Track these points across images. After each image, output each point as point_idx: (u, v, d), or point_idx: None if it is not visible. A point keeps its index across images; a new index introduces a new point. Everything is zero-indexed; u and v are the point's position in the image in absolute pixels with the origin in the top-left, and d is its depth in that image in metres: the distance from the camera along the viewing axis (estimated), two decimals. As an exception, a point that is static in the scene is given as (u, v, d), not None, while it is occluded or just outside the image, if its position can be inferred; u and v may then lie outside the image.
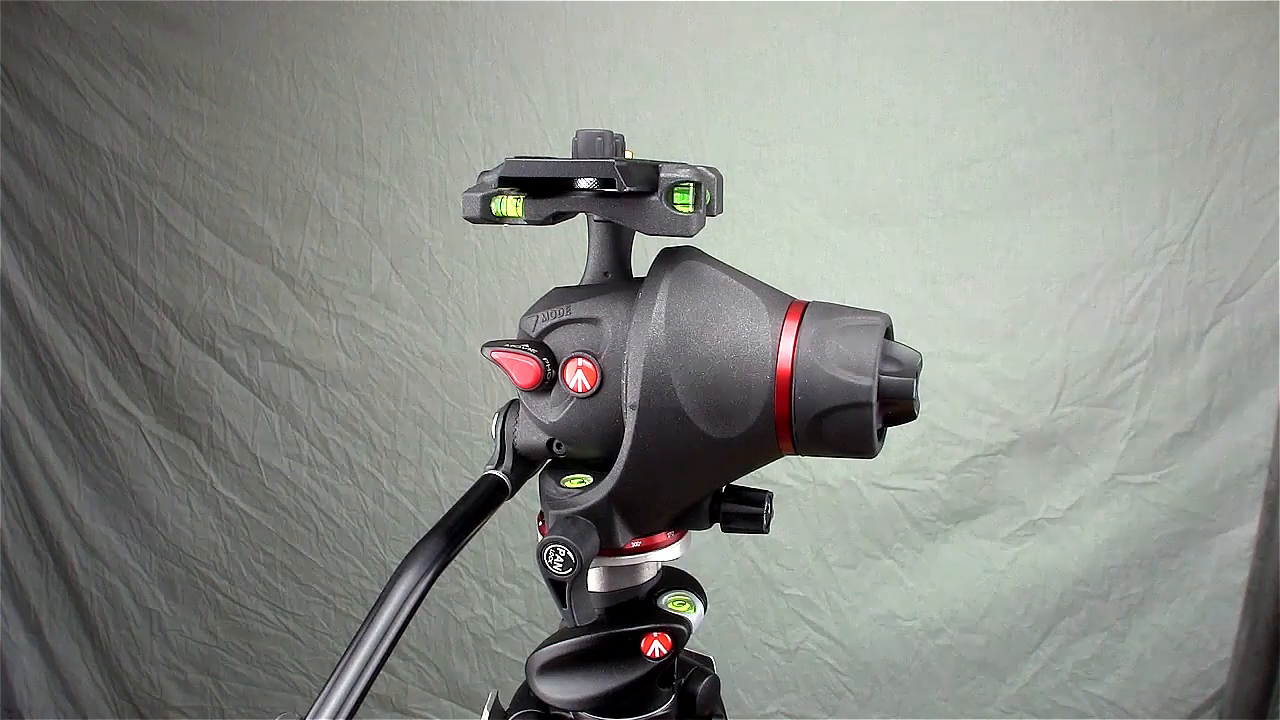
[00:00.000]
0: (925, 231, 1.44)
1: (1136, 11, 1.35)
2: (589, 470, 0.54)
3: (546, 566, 0.50)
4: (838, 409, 0.48)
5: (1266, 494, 1.38)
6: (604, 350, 0.52)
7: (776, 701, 1.60)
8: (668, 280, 0.51)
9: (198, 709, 1.72)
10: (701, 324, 0.50)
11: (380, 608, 0.45)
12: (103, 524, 1.68)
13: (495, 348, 0.52)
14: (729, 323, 0.50)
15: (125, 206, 1.58)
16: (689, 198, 0.49)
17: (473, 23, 1.47)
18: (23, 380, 1.65)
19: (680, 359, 0.50)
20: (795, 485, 1.51)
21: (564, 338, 0.53)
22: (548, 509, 0.52)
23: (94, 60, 1.54)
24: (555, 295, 0.55)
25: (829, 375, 0.48)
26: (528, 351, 0.52)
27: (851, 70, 1.41)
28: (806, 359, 0.48)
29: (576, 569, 0.49)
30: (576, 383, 0.52)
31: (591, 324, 0.53)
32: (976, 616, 1.53)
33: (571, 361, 0.52)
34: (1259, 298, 1.40)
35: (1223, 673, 1.48)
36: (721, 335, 0.50)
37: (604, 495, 0.51)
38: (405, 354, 1.57)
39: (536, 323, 0.53)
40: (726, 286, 0.51)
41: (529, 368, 0.52)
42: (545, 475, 0.55)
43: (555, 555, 0.49)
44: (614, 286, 0.54)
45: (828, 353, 0.48)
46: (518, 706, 0.60)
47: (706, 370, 0.50)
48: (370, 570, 1.65)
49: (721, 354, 0.50)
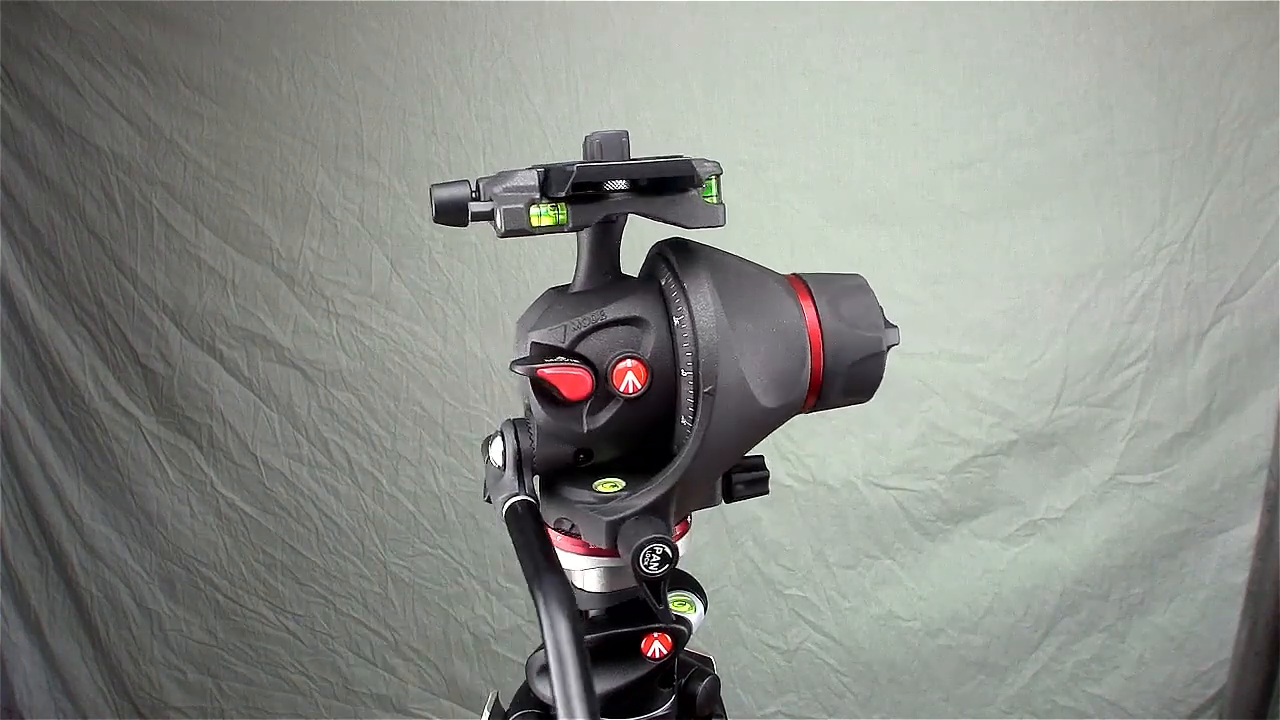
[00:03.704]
0: (925, 231, 1.44)
1: (1136, 11, 1.35)
2: (617, 474, 0.54)
3: (643, 568, 0.50)
4: (859, 361, 0.54)
5: (1266, 494, 1.38)
6: (650, 348, 0.52)
7: (777, 702, 1.60)
8: (704, 270, 0.52)
9: (198, 709, 1.72)
10: (747, 305, 0.52)
11: (559, 653, 0.44)
12: (103, 524, 1.68)
13: (536, 366, 0.51)
14: (764, 300, 0.53)
15: (125, 206, 1.58)
16: (714, 190, 0.51)
17: (473, 23, 1.47)
18: (23, 380, 1.65)
19: (739, 340, 0.51)
20: (795, 485, 1.51)
21: (601, 342, 0.52)
22: (593, 517, 0.52)
23: (94, 60, 1.54)
24: (553, 297, 0.55)
25: (853, 333, 0.54)
26: (575, 363, 0.51)
27: (851, 70, 1.41)
28: (830, 323, 0.53)
29: (673, 564, 0.50)
30: (628, 385, 0.52)
31: (632, 325, 0.52)
32: (976, 616, 1.53)
33: (620, 365, 0.52)
34: (1259, 298, 1.40)
35: (1223, 673, 1.48)
36: (763, 313, 0.53)
37: (669, 487, 0.52)
38: (405, 354, 1.57)
39: (566, 332, 0.52)
40: (745, 269, 0.54)
41: (582, 379, 0.51)
42: (563, 485, 0.54)
43: (653, 555, 0.50)
44: (630, 285, 0.54)
45: (845, 314, 0.54)
46: (518, 706, 0.60)
47: (762, 347, 0.52)
48: (370, 570, 1.65)
49: (768, 330, 0.52)
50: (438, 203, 0.51)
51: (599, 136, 0.51)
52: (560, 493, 0.54)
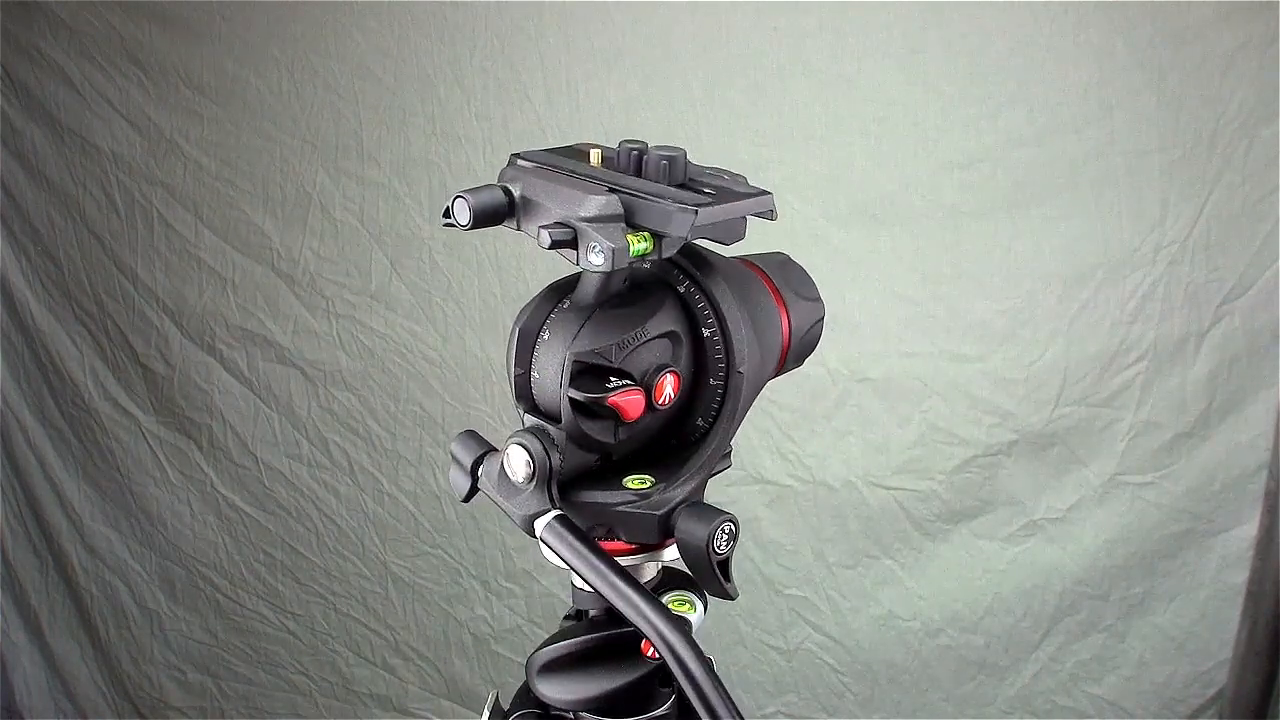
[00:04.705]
0: (925, 231, 1.44)
1: (1136, 11, 1.35)
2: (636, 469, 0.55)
3: (716, 550, 0.51)
4: (810, 328, 0.60)
5: (1266, 494, 1.38)
6: (683, 359, 0.54)
7: (777, 702, 1.60)
8: (723, 281, 0.55)
9: (198, 709, 1.72)
10: (753, 308, 0.56)
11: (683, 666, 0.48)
12: (103, 524, 1.68)
13: (601, 395, 0.51)
14: (761, 299, 0.57)
15: (125, 206, 1.58)
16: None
17: (473, 23, 1.47)
18: (23, 380, 1.65)
19: (754, 321, 0.56)
20: (795, 485, 1.51)
21: (641, 358, 0.53)
22: (639, 514, 0.53)
23: (94, 60, 1.53)
24: (551, 295, 0.55)
25: (806, 304, 0.60)
26: (633, 385, 0.52)
27: (851, 70, 1.41)
28: (789, 297, 0.59)
29: (738, 540, 0.53)
30: (665, 397, 0.53)
31: (669, 338, 0.54)
32: (976, 617, 1.53)
33: (661, 379, 0.53)
34: (1259, 298, 1.40)
35: (1223, 673, 1.48)
36: (756, 298, 0.57)
37: (703, 474, 0.55)
38: (405, 354, 1.57)
39: (616, 351, 0.52)
40: (738, 268, 0.58)
41: (639, 401, 0.52)
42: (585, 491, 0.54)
43: (723, 535, 0.52)
44: (655, 295, 0.54)
45: (795, 287, 0.60)
46: (518, 706, 0.60)
47: (762, 324, 0.56)
48: (370, 570, 1.65)
49: (763, 312, 0.57)
50: (476, 211, 0.51)
51: (661, 155, 0.52)
52: (585, 498, 0.54)
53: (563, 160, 0.54)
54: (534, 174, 0.52)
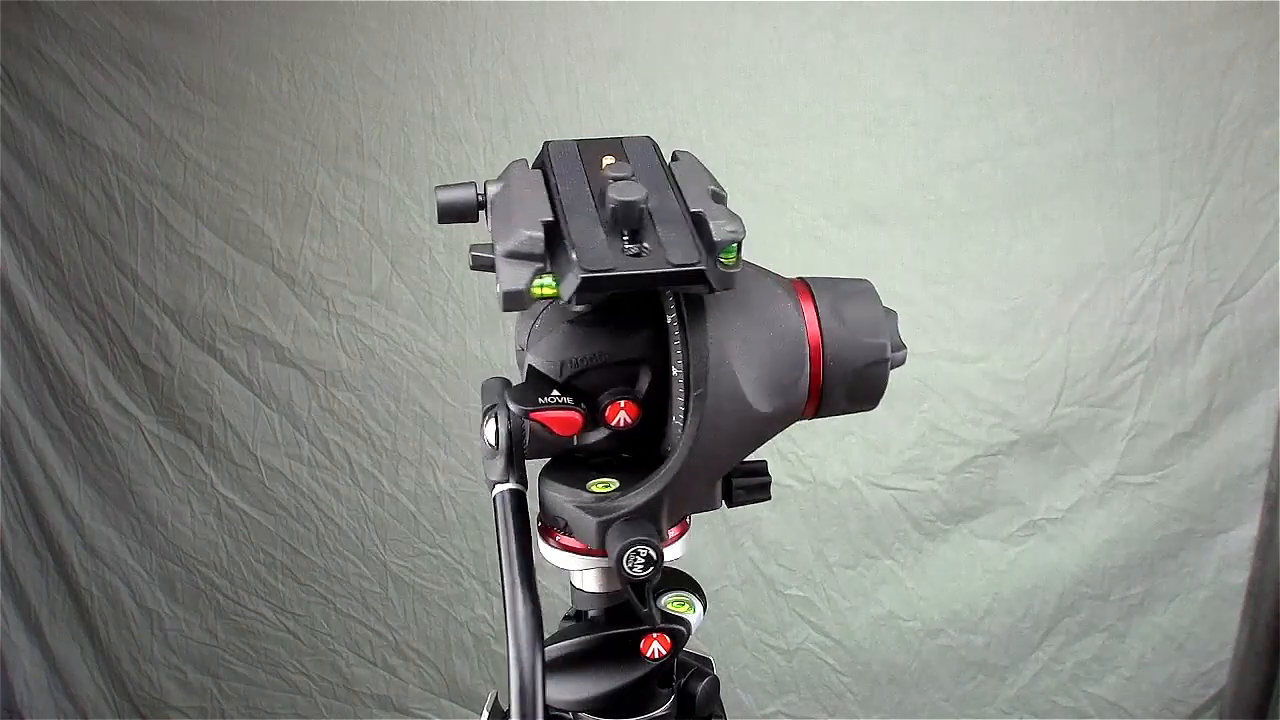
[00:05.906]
0: (925, 231, 1.44)
1: (1136, 11, 1.35)
2: (611, 472, 0.53)
3: (627, 570, 0.49)
4: (862, 368, 0.53)
5: (1266, 494, 1.38)
6: (645, 385, 0.52)
7: (777, 702, 1.60)
8: (719, 312, 0.50)
9: (198, 709, 1.72)
10: (742, 309, 0.51)
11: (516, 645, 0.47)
12: (103, 524, 1.68)
13: (532, 409, 0.50)
14: (760, 305, 0.52)
15: (125, 206, 1.58)
16: (734, 254, 0.48)
17: (473, 23, 1.47)
18: (23, 380, 1.65)
19: (733, 344, 0.50)
20: (795, 485, 1.51)
21: (598, 378, 0.52)
22: (584, 517, 0.52)
23: (94, 60, 1.53)
24: (557, 311, 0.54)
25: (854, 339, 0.52)
26: (568, 405, 0.50)
27: (851, 70, 1.41)
28: (831, 328, 0.52)
29: (657, 567, 0.49)
30: (619, 420, 0.52)
31: (634, 365, 0.52)
32: (976, 617, 1.53)
33: (614, 405, 0.51)
34: (1259, 298, 1.40)
35: (1223, 673, 1.48)
36: (759, 317, 0.52)
37: (659, 490, 0.51)
38: (405, 354, 1.57)
39: (563, 368, 0.51)
40: (744, 274, 0.51)
41: (572, 419, 0.51)
42: (558, 480, 0.54)
43: (636, 557, 0.49)
44: (634, 312, 0.53)
45: (848, 320, 0.53)
46: (517, 707, 0.60)
47: (756, 348, 0.51)
48: (370, 570, 1.65)
49: (765, 334, 0.51)
50: (440, 206, 0.50)
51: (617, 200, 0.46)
52: (556, 488, 0.54)
53: (573, 161, 0.53)
54: (523, 177, 0.52)
